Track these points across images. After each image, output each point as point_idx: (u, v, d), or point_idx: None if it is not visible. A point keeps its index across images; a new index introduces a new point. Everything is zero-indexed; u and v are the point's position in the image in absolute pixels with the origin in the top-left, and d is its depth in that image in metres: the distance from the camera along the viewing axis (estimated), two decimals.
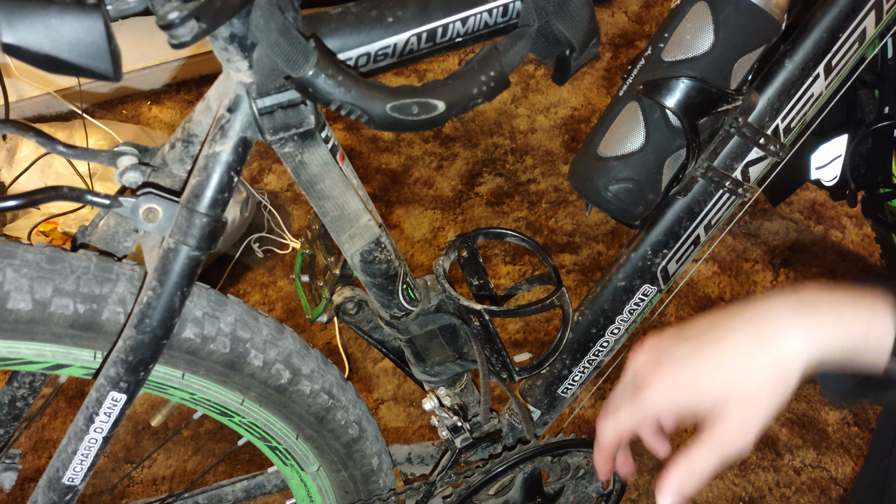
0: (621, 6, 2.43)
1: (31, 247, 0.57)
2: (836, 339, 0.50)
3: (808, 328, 0.50)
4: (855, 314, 0.50)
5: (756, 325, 0.52)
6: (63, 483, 0.63)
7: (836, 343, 0.50)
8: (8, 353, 0.58)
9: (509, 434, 0.91)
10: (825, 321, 0.50)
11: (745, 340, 0.52)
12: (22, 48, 0.42)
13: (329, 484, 0.81)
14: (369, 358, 1.58)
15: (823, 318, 0.50)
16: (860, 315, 0.50)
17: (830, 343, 0.50)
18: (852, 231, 1.76)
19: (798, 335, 0.50)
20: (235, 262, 1.76)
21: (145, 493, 1.38)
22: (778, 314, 0.51)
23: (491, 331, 0.73)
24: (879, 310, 0.50)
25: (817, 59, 0.73)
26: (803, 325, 0.50)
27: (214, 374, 0.66)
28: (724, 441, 0.51)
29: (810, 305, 0.51)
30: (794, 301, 0.52)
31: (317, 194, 0.60)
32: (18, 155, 1.67)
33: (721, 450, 0.51)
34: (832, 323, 0.50)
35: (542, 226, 1.82)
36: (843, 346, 0.50)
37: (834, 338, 0.50)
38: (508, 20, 0.58)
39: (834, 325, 0.50)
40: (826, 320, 0.50)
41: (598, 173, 0.72)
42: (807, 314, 0.51)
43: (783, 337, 0.50)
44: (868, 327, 0.50)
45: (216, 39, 0.49)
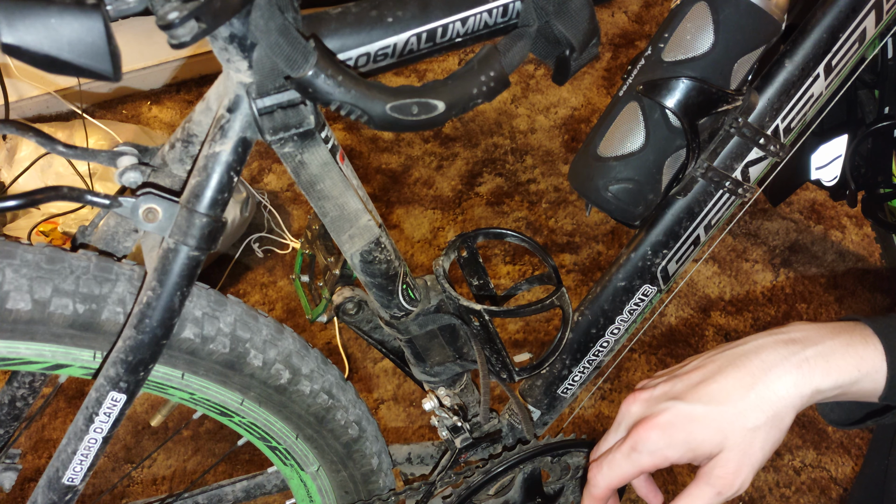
0: (621, 6, 2.43)
1: (30, 247, 0.57)
2: (827, 378, 0.50)
3: (799, 368, 0.50)
4: (844, 353, 0.50)
5: (747, 366, 0.52)
6: (63, 483, 0.63)
7: (827, 382, 0.50)
8: (8, 353, 0.58)
9: (509, 434, 0.91)
10: (815, 362, 0.50)
11: (736, 382, 0.52)
12: (22, 48, 0.42)
13: (329, 484, 0.81)
14: (369, 358, 1.58)
15: (813, 358, 0.50)
16: (849, 353, 0.50)
17: (821, 383, 0.50)
18: (852, 231, 1.76)
19: (789, 376, 0.50)
20: (235, 262, 1.76)
21: (145, 493, 1.38)
22: (767, 354, 0.52)
23: (491, 331, 0.73)
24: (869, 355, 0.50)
25: (817, 60, 0.73)
26: (793, 365, 0.51)
27: (214, 374, 0.66)
28: (721, 484, 0.51)
29: (799, 345, 0.51)
30: (783, 341, 0.52)
31: (317, 194, 0.60)
32: (18, 155, 1.67)
33: (718, 493, 0.51)
34: (823, 363, 0.50)
35: (542, 226, 1.82)
36: (834, 384, 0.50)
37: (825, 377, 0.50)
38: (508, 20, 0.58)
39: (824, 366, 0.50)
40: (816, 361, 0.50)
41: (598, 173, 0.72)
42: (796, 355, 0.51)
43: (774, 378, 0.51)
44: (859, 364, 0.50)
45: (216, 39, 0.49)
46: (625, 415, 0.57)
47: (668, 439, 0.52)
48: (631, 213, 0.74)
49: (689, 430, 0.52)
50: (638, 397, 0.56)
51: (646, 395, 0.56)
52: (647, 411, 0.54)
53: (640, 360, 1.54)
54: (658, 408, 0.54)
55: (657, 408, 0.54)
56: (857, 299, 1.63)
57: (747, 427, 0.51)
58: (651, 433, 0.53)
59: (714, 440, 0.51)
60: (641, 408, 0.55)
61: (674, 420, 0.53)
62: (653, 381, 0.58)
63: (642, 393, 0.56)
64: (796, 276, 1.68)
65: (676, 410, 0.53)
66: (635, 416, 0.56)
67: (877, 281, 1.66)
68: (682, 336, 1.58)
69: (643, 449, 0.53)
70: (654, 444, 0.53)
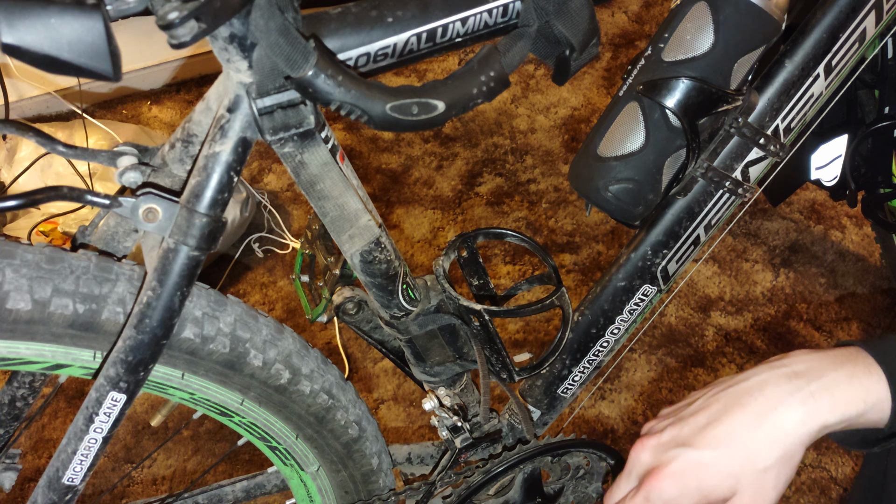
0: (621, 6, 2.43)
1: (30, 247, 0.57)
2: (833, 413, 0.50)
3: (805, 405, 0.50)
4: (849, 385, 0.50)
5: (752, 405, 0.52)
6: (63, 483, 0.63)
7: (833, 417, 0.50)
8: (8, 353, 0.58)
9: (509, 434, 0.91)
10: (821, 396, 0.50)
11: (743, 423, 0.52)
12: (22, 48, 0.42)
13: (329, 484, 0.81)
14: (369, 358, 1.58)
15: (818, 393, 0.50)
16: (854, 385, 0.50)
17: (828, 418, 0.50)
18: (852, 231, 1.76)
19: (795, 412, 0.50)
20: (235, 262, 1.76)
21: (145, 493, 1.38)
22: (771, 391, 0.52)
23: (491, 331, 0.73)
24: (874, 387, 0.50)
25: (817, 60, 0.73)
26: (799, 402, 0.51)
27: (214, 374, 0.66)
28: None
29: (803, 380, 0.51)
30: (786, 375, 0.52)
31: (317, 194, 0.60)
32: (18, 155, 1.67)
33: None
34: (828, 398, 0.50)
35: (542, 226, 1.82)
36: (841, 418, 0.50)
37: (831, 412, 0.50)
38: (508, 20, 0.58)
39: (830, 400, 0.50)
40: (821, 395, 0.50)
41: (598, 173, 0.72)
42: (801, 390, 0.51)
43: (780, 416, 0.51)
44: (864, 396, 0.50)
45: (216, 39, 0.49)
46: (635, 463, 0.56)
47: (681, 488, 0.52)
48: (631, 213, 0.74)
49: (700, 477, 0.52)
50: (646, 444, 0.56)
51: (654, 441, 0.55)
52: (657, 460, 0.54)
53: (640, 360, 1.54)
54: (668, 455, 0.54)
55: (667, 456, 0.54)
56: (857, 299, 1.63)
57: (758, 468, 0.51)
58: (664, 483, 0.53)
59: (726, 485, 0.51)
60: (651, 456, 0.55)
61: (685, 468, 0.52)
62: (659, 422, 0.57)
63: (650, 440, 0.56)
64: (796, 276, 1.68)
65: (686, 458, 0.53)
66: (646, 464, 0.55)
67: (877, 281, 1.66)
68: (682, 336, 1.58)
69: (656, 499, 0.53)
70: (667, 493, 0.53)
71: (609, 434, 1.43)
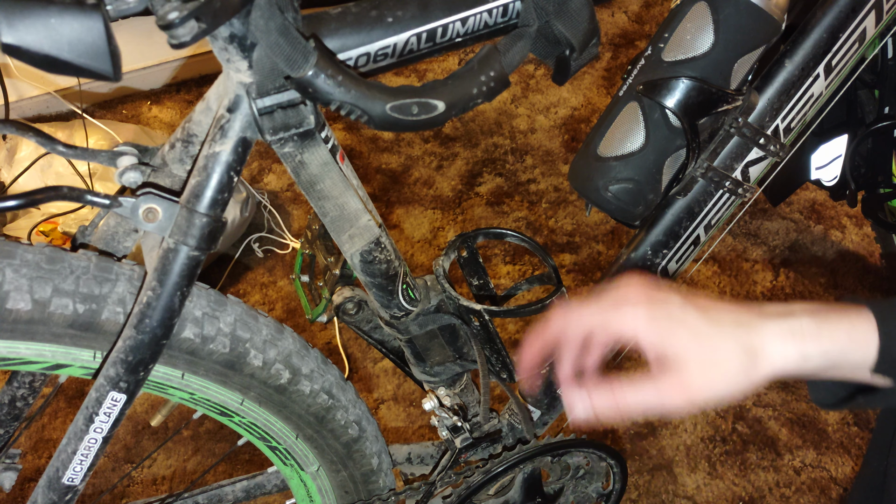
0: (621, 6, 2.43)
1: (30, 247, 0.57)
2: (814, 349, 0.50)
3: (790, 333, 0.50)
4: (836, 328, 0.50)
5: (743, 316, 0.52)
6: (63, 483, 0.63)
7: (814, 353, 0.50)
8: (7, 353, 0.58)
9: (509, 434, 0.91)
10: (806, 330, 0.50)
11: (728, 321, 0.51)
12: (22, 48, 0.42)
13: (329, 484, 0.81)
14: (369, 358, 1.58)
15: (805, 327, 0.50)
16: (841, 329, 0.50)
17: (808, 352, 0.50)
18: (852, 231, 1.76)
19: (777, 337, 0.50)
20: (235, 262, 1.76)
21: (145, 493, 1.38)
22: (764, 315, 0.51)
23: (491, 331, 0.73)
24: (862, 325, 0.50)
25: (817, 60, 0.73)
26: (784, 329, 0.50)
27: (214, 374, 0.66)
28: (665, 394, 0.50)
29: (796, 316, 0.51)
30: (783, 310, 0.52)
31: (317, 194, 0.60)
32: (18, 155, 1.67)
33: (658, 400, 0.51)
34: (813, 333, 0.50)
35: (542, 226, 1.82)
36: (821, 356, 0.50)
37: (813, 348, 0.50)
38: (508, 20, 0.58)
39: (815, 336, 0.50)
40: (807, 330, 0.50)
41: (598, 173, 0.72)
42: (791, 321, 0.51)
43: (762, 333, 0.50)
44: (849, 342, 0.50)
45: (216, 39, 0.49)
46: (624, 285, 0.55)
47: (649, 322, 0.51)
48: (631, 213, 0.74)
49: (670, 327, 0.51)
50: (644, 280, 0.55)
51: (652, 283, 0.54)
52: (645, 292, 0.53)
53: (640, 360, 1.55)
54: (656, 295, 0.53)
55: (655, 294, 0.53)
56: None
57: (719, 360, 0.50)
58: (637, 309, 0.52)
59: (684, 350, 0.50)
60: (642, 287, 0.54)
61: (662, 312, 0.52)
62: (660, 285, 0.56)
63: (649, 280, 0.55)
64: (796, 276, 1.68)
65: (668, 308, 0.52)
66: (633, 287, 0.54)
67: (877, 281, 1.66)
68: None
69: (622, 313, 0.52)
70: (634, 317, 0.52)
71: (609, 434, 1.43)
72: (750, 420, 1.46)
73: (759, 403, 1.48)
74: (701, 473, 1.38)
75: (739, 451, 1.41)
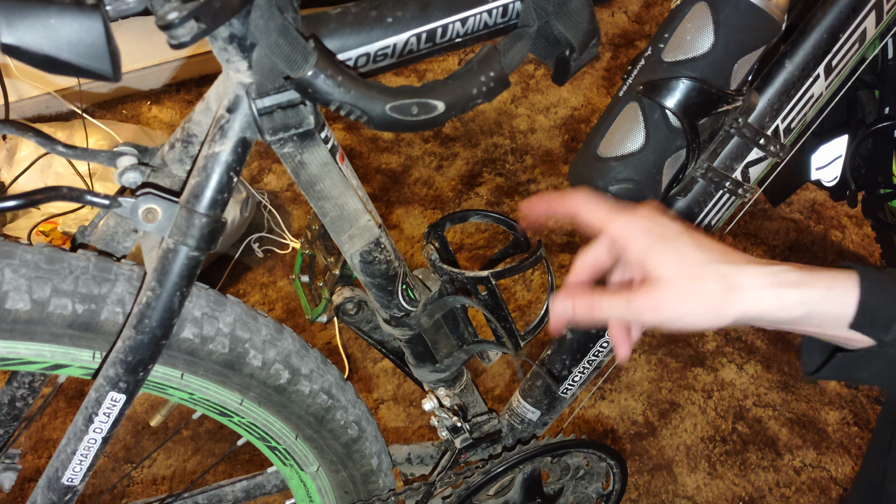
0: (621, 6, 2.43)
1: (30, 247, 0.57)
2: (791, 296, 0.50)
3: (769, 276, 0.51)
4: (817, 280, 0.50)
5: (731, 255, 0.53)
6: (62, 483, 0.63)
7: (790, 300, 0.50)
8: (7, 353, 0.58)
9: (509, 434, 0.91)
10: (787, 278, 0.51)
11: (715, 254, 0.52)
12: (21, 48, 0.42)
13: (329, 484, 0.81)
14: (369, 358, 1.58)
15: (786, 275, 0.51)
16: (822, 281, 0.50)
17: (784, 298, 0.50)
18: (852, 231, 1.76)
19: (757, 278, 0.51)
20: (235, 262, 1.76)
21: (145, 493, 1.38)
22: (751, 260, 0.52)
23: (498, 296, 0.74)
24: (843, 280, 0.50)
25: (817, 60, 0.73)
26: (765, 273, 0.51)
27: (213, 375, 0.66)
28: (637, 308, 0.52)
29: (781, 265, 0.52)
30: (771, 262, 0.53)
31: (316, 195, 0.60)
32: (18, 155, 1.67)
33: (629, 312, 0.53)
34: (793, 282, 0.50)
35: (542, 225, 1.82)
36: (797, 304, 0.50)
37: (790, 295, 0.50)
38: (508, 20, 0.58)
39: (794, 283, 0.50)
40: (788, 278, 0.51)
41: (598, 173, 0.72)
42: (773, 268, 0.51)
43: (743, 272, 0.51)
44: (827, 292, 0.50)
45: (215, 40, 0.49)
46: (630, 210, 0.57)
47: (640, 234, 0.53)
48: None
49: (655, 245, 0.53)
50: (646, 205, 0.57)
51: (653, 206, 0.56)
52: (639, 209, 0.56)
53: (640, 360, 1.54)
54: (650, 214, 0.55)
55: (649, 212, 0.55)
56: None
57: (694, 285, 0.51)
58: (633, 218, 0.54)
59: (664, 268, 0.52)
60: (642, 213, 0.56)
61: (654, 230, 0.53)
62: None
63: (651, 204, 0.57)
64: None
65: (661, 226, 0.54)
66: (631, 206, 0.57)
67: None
68: (682, 336, 1.58)
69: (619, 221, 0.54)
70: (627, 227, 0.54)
71: (609, 434, 1.43)
72: (750, 420, 1.46)
73: (759, 403, 1.48)
74: (701, 473, 1.38)
75: (739, 451, 1.41)
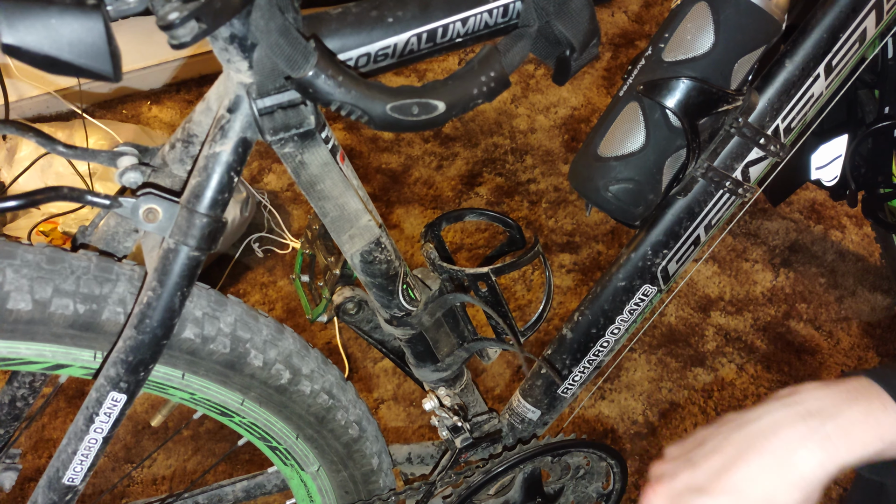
0: (621, 6, 2.43)
1: (30, 247, 0.57)
2: (851, 454, 0.49)
3: (823, 448, 0.49)
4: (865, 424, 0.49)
5: (768, 448, 0.50)
6: (63, 483, 0.63)
7: (851, 458, 0.49)
8: (8, 353, 0.58)
9: (509, 434, 0.91)
10: (838, 438, 0.49)
11: (761, 468, 0.50)
12: (22, 49, 0.42)
13: (329, 484, 0.81)
14: (369, 358, 1.58)
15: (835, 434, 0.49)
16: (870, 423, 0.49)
17: (846, 459, 0.49)
18: (852, 231, 1.76)
19: (814, 456, 0.49)
20: (235, 262, 1.76)
21: (145, 493, 1.38)
22: (787, 434, 0.50)
23: (498, 292, 0.75)
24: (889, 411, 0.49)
25: (818, 60, 0.73)
26: (817, 445, 0.49)
27: (214, 375, 0.66)
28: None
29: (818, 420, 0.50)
30: (800, 415, 0.51)
31: (317, 195, 0.60)
32: (18, 155, 1.67)
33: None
34: (845, 439, 0.49)
35: (542, 226, 1.82)
36: (859, 458, 0.49)
37: (849, 453, 0.49)
38: (509, 20, 0.58)
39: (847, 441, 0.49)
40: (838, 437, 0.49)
41: (599, 173, 0.72)
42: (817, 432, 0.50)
43: (800, 459, 0.49)
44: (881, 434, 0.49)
45: (216, 40, 0.49)
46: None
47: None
48: (631, 213, 0.74)
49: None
50: (659, 492, 0.54)
51: (667, 489, 0.53)
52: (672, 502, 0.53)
53: (640, 360, 1.55)
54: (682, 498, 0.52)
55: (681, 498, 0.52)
56: (857, 299, 1.63)
57: None
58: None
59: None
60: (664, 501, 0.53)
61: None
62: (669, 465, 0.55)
63: (663, 486, 0.54)
64: (796, 276, 1.68)
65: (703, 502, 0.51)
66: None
67: (877, 281, 1.66)
68: (682, 336, 1.58)
69: None
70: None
71: (609, 434, 1.43)
72: None
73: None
74: None
75: None
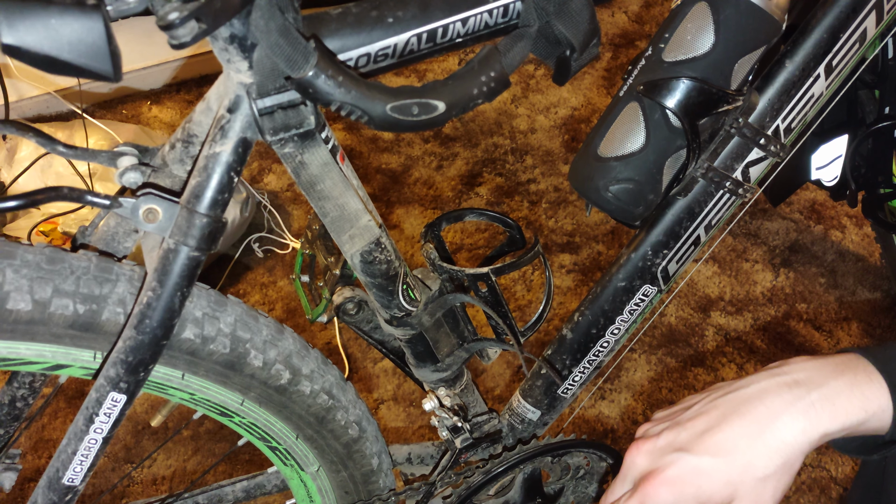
0: (621, 6, 2.43)
1: (30, 247, 0.57)
2: (834, 422, 0.50)
3: (806, 414, 0.50)
4: (850, 394, 0.50)
5: (752, 413, 0.51)
6: (63, 483, 0.63)
7: (834, 426, 0.50)
8: (8, 353, 0.58)
9: (509, 434, 0.91)
10: (822, 406, 0.50)
11: (743, 431, 0.51)
12: (22, 49, 0.42)
13: (329, 484, 0.81)
14: (369, 358, 1.58)
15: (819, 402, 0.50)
16: (855, 394, 0.50)
17: (829, 427, 0.50)
18: (852, 231, 1.76)
19: (796, 422, 0.50)
20: (235, 262, 1.76)
21: (145, 493, 1.38)
22: (772, 400, 0.51)
23: (498, 292, 0.75)
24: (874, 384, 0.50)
25: (818, 60, 0.73)
26: (800, 411, 0.50)
27: (214, 375, 0.66)
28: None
29: (804, 388, 0.51)
30: (786, 384, 0.52)
31: (317, 195, 0.60)
32: (18, 155, 1.67)
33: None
34: (829, 407, 0.50)
35: (542, 226, 1.82)
36: (841, 427, 0.50)
37: (832, 421, 0.50)
38: (509, 20, 0.58)
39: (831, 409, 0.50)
40: (822, 405, 0.50)
41: (599, 173, 0.72)
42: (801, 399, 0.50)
43: (781, 425, 0.50)
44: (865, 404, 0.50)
45: (216, 40, 0.49)
46: (630, 467, 0.55)
47: (678, 494, 0.51)
48: (631, 213, 0.74)
49: (697, 483, 0.51)
50: (642, 448, 0.55)
51: (649, 445, 0.54)
52: (653, 464, 0.53)
53: (640, 360, 1.54)
54: (664, 460, 0.53)
55: (663, 460, 0.53)
56: (857, 299, 1.63)
57: (757, 477, 0.50)
58: (660, 489, 0.52)
59: (724, 493, 0.51)
60: (647, 460, 0.54)
61: (682, 474, 0.52)
62: (654, 426, 0.56)
63: (646, 443, 0.55)
64: (796, 276, 1.68)
65: (684, 463, 0.52)
66: (641, 468, 0.54)
67: (877, 281, 1.66)
68: (682, 336, 1.58)
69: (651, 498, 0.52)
70: (663, 499, 0.52)
71: (609, 434, 1.43)
72: None
73: None
74: None
75: None
